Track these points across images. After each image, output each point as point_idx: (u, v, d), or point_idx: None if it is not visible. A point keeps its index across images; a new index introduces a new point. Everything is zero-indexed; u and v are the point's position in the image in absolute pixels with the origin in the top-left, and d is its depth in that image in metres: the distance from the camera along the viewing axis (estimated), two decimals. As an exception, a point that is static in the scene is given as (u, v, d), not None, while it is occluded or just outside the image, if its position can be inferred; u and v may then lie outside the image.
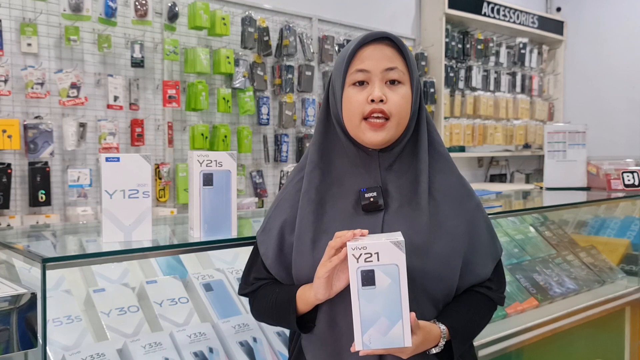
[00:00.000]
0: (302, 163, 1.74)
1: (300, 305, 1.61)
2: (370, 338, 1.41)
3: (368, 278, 1.41)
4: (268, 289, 1.72)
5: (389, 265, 1.40)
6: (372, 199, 1.61)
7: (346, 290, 1.52)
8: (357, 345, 1.42)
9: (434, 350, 1.56)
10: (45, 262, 1.61)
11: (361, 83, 1.60)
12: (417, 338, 1.46)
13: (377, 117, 1.58)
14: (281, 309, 1.66)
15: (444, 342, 1.57)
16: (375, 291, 1.41)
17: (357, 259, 1.41)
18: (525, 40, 7.80)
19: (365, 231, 1.47)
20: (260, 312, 1.76)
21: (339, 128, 1.67)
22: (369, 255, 1.40)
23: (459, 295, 1.68)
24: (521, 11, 7.60)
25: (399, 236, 1.42)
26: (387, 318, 1.41)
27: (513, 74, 7.79)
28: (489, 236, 1.75)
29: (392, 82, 1.60)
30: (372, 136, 1.59)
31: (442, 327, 1.57)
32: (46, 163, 4.12)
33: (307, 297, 1.59)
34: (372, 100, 1.57)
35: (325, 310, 1.61)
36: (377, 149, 1.65)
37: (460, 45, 7.04)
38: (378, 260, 1.40)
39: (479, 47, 7.23)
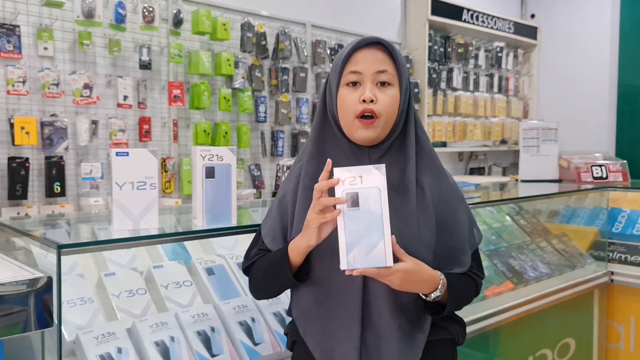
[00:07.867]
0: (301, 155, 1.74)
1: (294, 257, 1.60)
2: (355, 257, 1.42)
3: (353, 201, 1.43)
4: (264, 258, 1.71)
5: (371, 188, 1.43)
6: None
7: (332, 274, 1.55)
8: (342, 265, 1.42)
9: (432, 295, 1.55)
10: (60, 248, 1.61)
11: (354, 84, 1.60)
12: (406, 265, 1.45)
13: (367, 116, 1.58)
14: (276, 264, 1.64)
15: (442, 289, 1.56)
16: (359, 212, 1.43)
17: (343, 182, 1.44)
18: (502, 44, 7.79)
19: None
20: (258, 280, 1.72)
21: (334, 124, 1.67)
22: (354, 178, 1.43)
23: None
24: (498, 17, 7.60)
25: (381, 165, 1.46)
26: (370, 238, 1.42)
27: (491, 76, 7.80)
28: (470, 226, 1.75)
29: (383, 83, 1.60)
30: (362, 133, 1.59)
31: (443, 277, 1.57)
32: (61, 157, 4.11)
33: (299, 245, 1.57)
34: (364, 101, 1.57)
35: (313, 290, 1.63)
36: (368, 145, 1.65)
37: (442, 49, 7.04)
38: (362, 183, 1.43)
39: (459, 50, 7.23)
